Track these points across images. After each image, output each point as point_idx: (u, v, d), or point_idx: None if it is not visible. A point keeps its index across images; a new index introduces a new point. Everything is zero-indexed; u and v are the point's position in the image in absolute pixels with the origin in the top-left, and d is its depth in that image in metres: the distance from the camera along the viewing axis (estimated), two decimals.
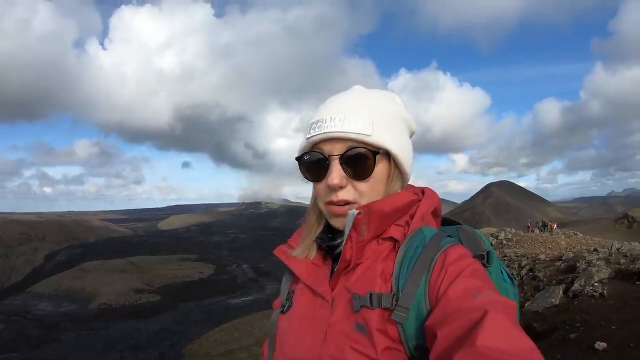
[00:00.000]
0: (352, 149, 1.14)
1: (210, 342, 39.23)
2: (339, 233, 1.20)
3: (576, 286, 10.12)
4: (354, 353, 1.05)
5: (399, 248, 1.15)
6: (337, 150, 1.15)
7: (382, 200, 1.18)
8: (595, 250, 17.09)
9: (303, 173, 1.22)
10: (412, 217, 1.20)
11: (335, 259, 1.20)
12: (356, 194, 1.16)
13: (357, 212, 1.13)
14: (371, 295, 1.09)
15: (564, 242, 26.63)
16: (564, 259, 15.52)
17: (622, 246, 17.39)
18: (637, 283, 9.36)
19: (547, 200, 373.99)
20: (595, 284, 9.84)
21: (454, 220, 1.39)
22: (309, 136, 1.19)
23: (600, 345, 6.48)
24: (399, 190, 1.24)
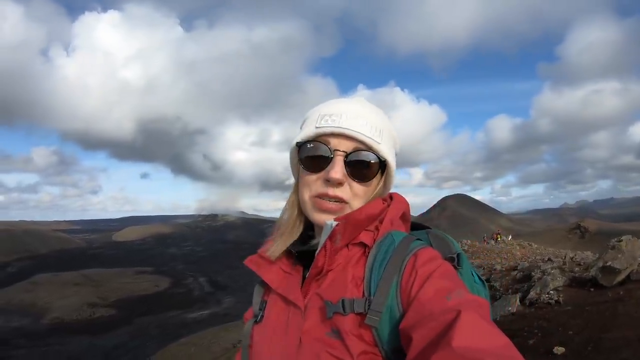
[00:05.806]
0: (359, 150, 1.18)
1: (166, 357, 38.02)
2: (310, 238, 1.26)
3: (532, 294, 10.31)
4: (330, 358, 1.05)
5: (368, 253, 1.16)
6: (344, 146, 1.18)
7: (358, 209, 1.19)
8: (550, 259, 17.47)
9: (301, 160, 1.23)
10: (381, 222, 1.21)
11: (306, 264, 1.22)
12: (350, 193, 1.19)
13: (335, 223, 1.15)
14: (343, 301, 1.09)
15: (518, 253, 27.37)
16: (519, 268, 15.91)
17: (575, 255, 17.90)
18: (592, 290, 9.60)
19: (501, 212, 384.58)
20: (551, 292, 10.05)
21: (423, 224, 1.39)
22: (318, 126, 1.21)
23: (559, 350, 6.61)
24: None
